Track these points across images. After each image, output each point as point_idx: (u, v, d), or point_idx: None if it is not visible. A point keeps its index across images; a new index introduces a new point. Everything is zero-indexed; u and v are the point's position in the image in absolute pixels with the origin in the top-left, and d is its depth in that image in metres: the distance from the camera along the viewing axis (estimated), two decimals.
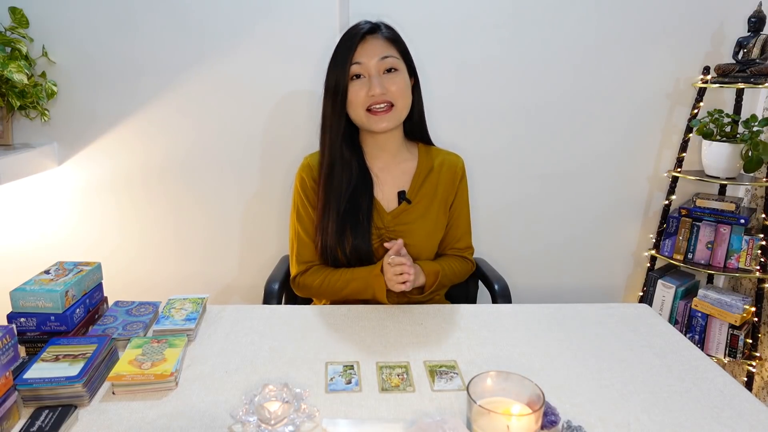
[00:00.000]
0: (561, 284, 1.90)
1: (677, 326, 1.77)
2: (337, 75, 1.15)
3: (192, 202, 1.72)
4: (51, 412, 0.74)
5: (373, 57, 1.13)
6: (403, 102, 1.17)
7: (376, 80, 1.13)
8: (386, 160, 1.26)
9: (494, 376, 0.72)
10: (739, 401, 0.82)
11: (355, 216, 1.18)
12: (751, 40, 1.59)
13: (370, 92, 1.13)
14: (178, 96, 1.62)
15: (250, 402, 0.74)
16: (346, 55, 1.14)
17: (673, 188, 1.77)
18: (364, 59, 1.13)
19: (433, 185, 1.25)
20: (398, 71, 1.16)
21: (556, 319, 1.09)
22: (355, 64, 1.14)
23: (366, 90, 1.14)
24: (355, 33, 1.15)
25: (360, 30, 1.15)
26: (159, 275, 1.78)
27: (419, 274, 1.16)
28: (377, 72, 1.14)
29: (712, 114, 1.64)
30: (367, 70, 1.14)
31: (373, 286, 1.13)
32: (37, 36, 1.53)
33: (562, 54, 1.67)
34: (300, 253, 1.24)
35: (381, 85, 1.13)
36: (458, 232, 1.30)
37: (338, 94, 1.16)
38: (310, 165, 1.25)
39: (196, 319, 1.00)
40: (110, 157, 1.65)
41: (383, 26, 1.18)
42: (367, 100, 1.14)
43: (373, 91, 1.13)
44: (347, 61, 1.13)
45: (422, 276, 1.17)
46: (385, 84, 1.14)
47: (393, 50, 1.16)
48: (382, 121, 1.15)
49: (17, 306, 0.90)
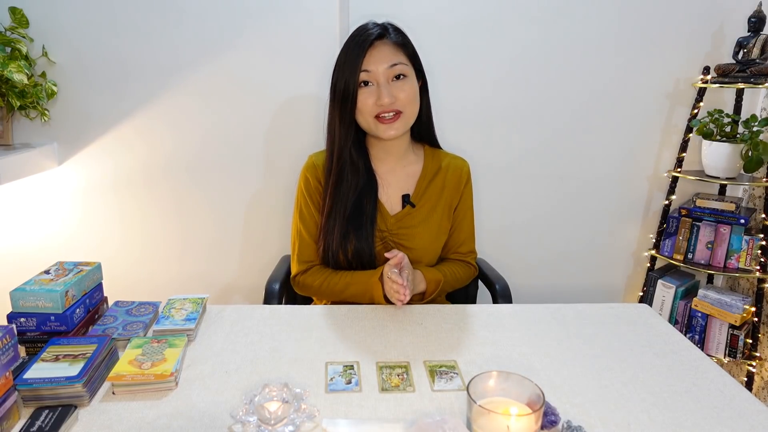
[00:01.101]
0: (561, 284, 1.90)
1: (677, 326, 1.77)
2: (346, 81, 1.13)
3: (192, 202, 1.72)
4: (51, 412, 0.74)
5: (382, 64, 1.12)
6: (412, 109, 1.16)
7: (384, 89, 1.12)
8: (392, 162, 1.25)
9: (494, 376, 0.72)
10: (739, 401, 0.82)
11: (359, 219, 1.18)
12: (751, 40, 1.59)
13: (379, 101, 1.12)
14: (177, 96, 1.62)
15: (250, 402, 0.74)
16: (354, 62, 1.12)
17: (673, 188, 1.77)
18: (373, 67, 1.12)
19: (437, 189, 1.25)
20: (407, 78, 1.15)
21: (556, 319, 1.09)
22: (364, 72, 1.12)
23: (375, 98, 1.12)
24: (364, 39, 1.13)
25: (369, 36, 1.13)
26: (159, 275, 1.78)
27: (420, 281, 1.16)
28: (386, 80, 1.13)
29: (712, 114, 1.64)
30: (376, 78, 1.13)
31: (371, 292, 1.13)
32: (37, 36, 1.53)
33: (562, 54, 1.67)
34: (301, 252, 1.24)
35: (390, 94, 1.12)
36: (462, 236, 1.30)
37: (347, 101, 1.14)
38: (315, 164, 1.24)
39: (196, 319, 1.00)
40: (110, 157, 1.65)
41: (391, 30, 1.16)
42: (375, 109, 1.13)
43: (381, 100, 1.11)
44: (356, 69, 1.12)
45: (423, 283, 1.17)
46: (393, 92, 1.12)
47: (402, 56, 1.15)
48: (391, 129, 1.15)
49: (17, 306, 0.90)
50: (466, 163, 1.30)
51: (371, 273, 1.15)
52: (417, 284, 1.15)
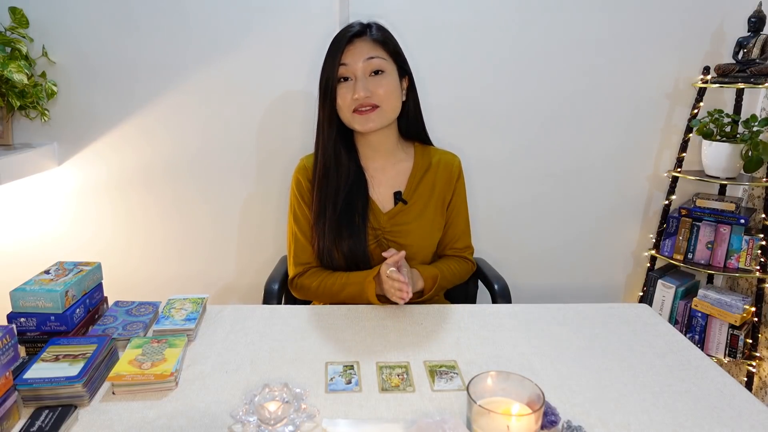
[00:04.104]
0: (561, 284, 1.90)
1: (677, 326, 1.77)
2: (327, 77, 1.16)
3: (192, 202, 1.72)
4: (51, 412, 0.74)
5: (359, 59, 1.13)
6: (390, 104, 1.17)
7: (360, 83, 1.13)
8: (381, 160, 1.26)
9: (494, 376, 0.72)
10: (739, 401, 0.82)
11: (350, 217, 1.18)
12: (751, 40, 1.59)
13: (355, 95, 1.13)
14: (177, 96, 1.62)
15: (250, 402, 0.74)
16: (333, 57, 1.14)
17: (673, 188, 1.77)
18: (350, 60, 1.13)
19: (429, 185, 1.25)
20: (385, 73, 1.15)
21: (556, 319, 1.09)
22: (342, 66, 1.14)
23: (352, 93, 1.14)
24: (343, 36, 1.15)
25: (348, 33, 1.15)
26: (159, 275, 1.78)
27: (417, 279, 1.16)
28: (363, 74, 1.14)
29: (712, 114, 1.64)
30: (353, 72, 1.14)
31: (366, 293, 1.13)
32: (37, 36, 1.53)
33: (562, 54, 1.67)
34: (297, 254, 1.25)
35: (365, 87, 1.13)
36: (457, 231, 1.30)
37: (327, 97, 1.16)
38: (305, 166, 1.25)
39: (196, 319, 1.00)
40: (110, 157, 1.65)
41: (374, 27, 1.18)
42: (352, 103, 1.14)
43: (357, 93, 1.12)
44: (335, 64, 1.14)
45: (420, 281, 1.17)
46: (370, 87, 1.13)
47: (380, 51, 1.16)
48: (368, 122, 1.15)
49: (17, 306, 0.90)
50: (456, 158, 1.30)
51: (366, 273, 1.15)
52: (414, 282, 1.15)
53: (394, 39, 1.20)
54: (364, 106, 1.14)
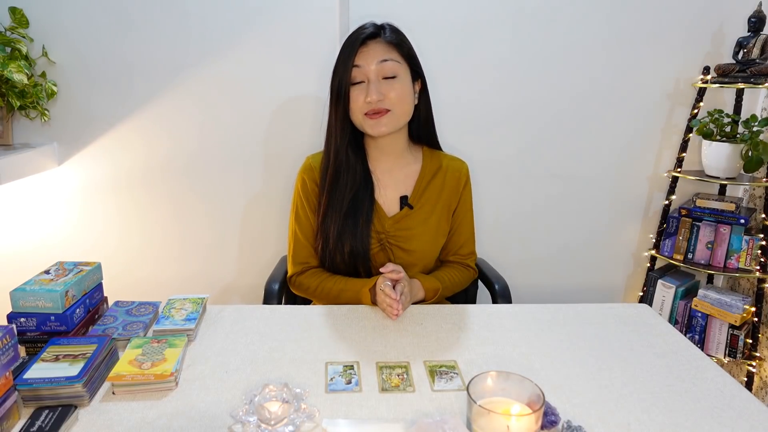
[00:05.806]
0: (561, 284, 1.90)
1: (677, 326, 1.77)
2: (339, 80, 1.14)
3: (192, 202, 1.72)
4: (51, 412, 0.74)
5: (372, 61, 1.12)
6: (402, 108, 1.16)
7: (373, 86, 1.12)
8: (389, 163, 1.25)
9: (494, 376, 0.72)
10: (739, 401, 0.82)
11: (355, 219, 1.17)
12: (751, 40, 1.59)
13: (367, 98, 1.12)
14: (177, 96, 1.62)
15: (250, 402, 0.74)
16: (347, 60, 1.13)
17: (673, 188, 1.77)
18: (363, 62, 1.12)
19: (436, 190, 1.24)
20: (398, 77, 1.14)
21: (556, 319, 1.09)
22: (355, 68, 1.13)
23: (364, 96, 1.12)
24: (356, 37, 1.13)
25: (362, 34, 1.13)
26: (159, 275, 1.78)
27: (418, 289, 1.16)
28: (376, 77, 1.12)
29: (712, 114, 1.64)
30: (366, 75, 1.13)
31: (362, 302, 1.13)
32: (37, 36, 1.53)
33: (562, 54, 1.67)
34: (297, 253, 1.25)
35: (378, 91, 1.11)
36: (461, 238, 1.29)
37: (341, 99, 1.15)
38: (311, 166, 1.24)
39: (196, 319, 1.00)
40: (110, 157, 1.65)
41: (388, 29, 1.16)
42: (365, 106, 1.13)
43: (369, 97, 1.11)
44: (348, 66, 1.12)
45: (421, 291, 1.16)
46: (382, 90, 1.12)
47: (394, 54, 1.14)
48: (379, 126, 1.14)
49: (17, 306, 0.90)
50: (465, 164, 1.29)
51: (363, 283, 1.14)
52: (415, 293, 1.14)
53: (408, 41, 1.19)
54: (376, 110, 1.13)
